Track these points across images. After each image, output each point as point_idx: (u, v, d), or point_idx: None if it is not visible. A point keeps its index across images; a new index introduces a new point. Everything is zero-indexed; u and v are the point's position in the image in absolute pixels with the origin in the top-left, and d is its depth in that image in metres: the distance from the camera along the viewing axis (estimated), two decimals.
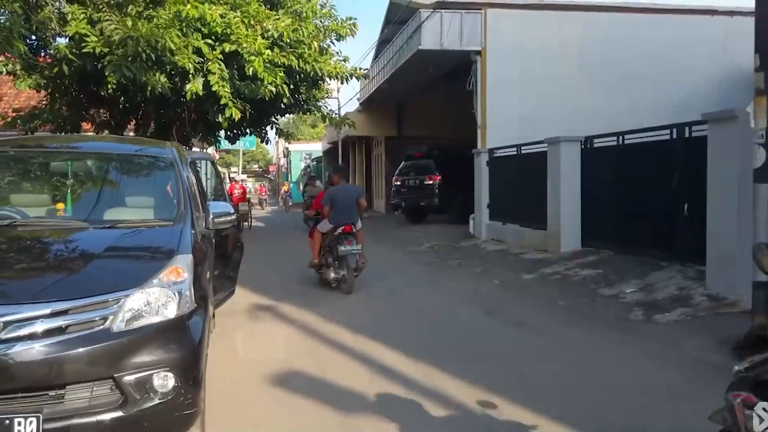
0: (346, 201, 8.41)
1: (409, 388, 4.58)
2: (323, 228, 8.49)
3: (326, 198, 8.49)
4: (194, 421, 3.23)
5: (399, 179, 19.16)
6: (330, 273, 8.24)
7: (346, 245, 7.99)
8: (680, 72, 14.45)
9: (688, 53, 14.43)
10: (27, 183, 4.49)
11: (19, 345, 2.83)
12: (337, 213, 8.27)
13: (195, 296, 3.38)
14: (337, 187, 8.76)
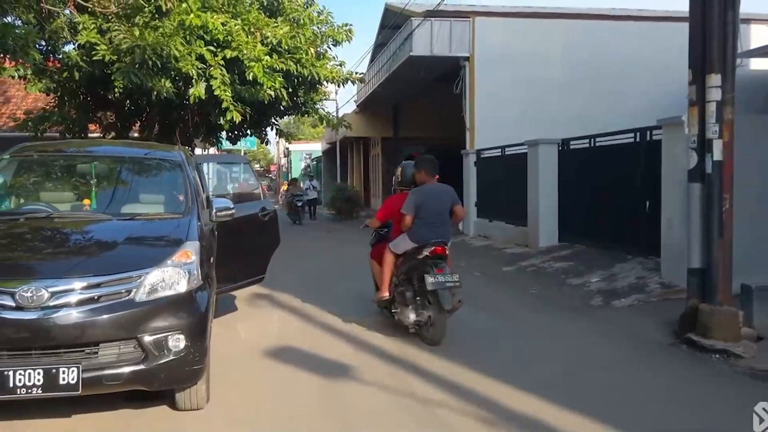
0: (438, 208, 5.84)
1: (387, 360, 5.30)
2: (399, 248, 5.97)
3: (409, 204, 5.77)
4: (201, 376, 3.96)
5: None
6: (409, 314, 5.73)
7: (438, 275, 5.45)
8: (660, 76, 15.07)
9: (668, 58, 15.02)
10: (56, 182, 5.21)
11: (62, 311, 3.55)
12: (424, 226, 5.74)
13: (201, 275, 4.10)
14: (424, 188, 5.91)
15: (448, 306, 5.42)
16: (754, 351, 5.20)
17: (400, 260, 5.98)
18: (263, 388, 4.71)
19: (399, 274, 5.99)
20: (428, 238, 5.72)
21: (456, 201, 6.06)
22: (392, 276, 6.05)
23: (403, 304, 5.87)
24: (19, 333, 3.51)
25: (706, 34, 5.50)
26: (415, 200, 5.76)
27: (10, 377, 3.40)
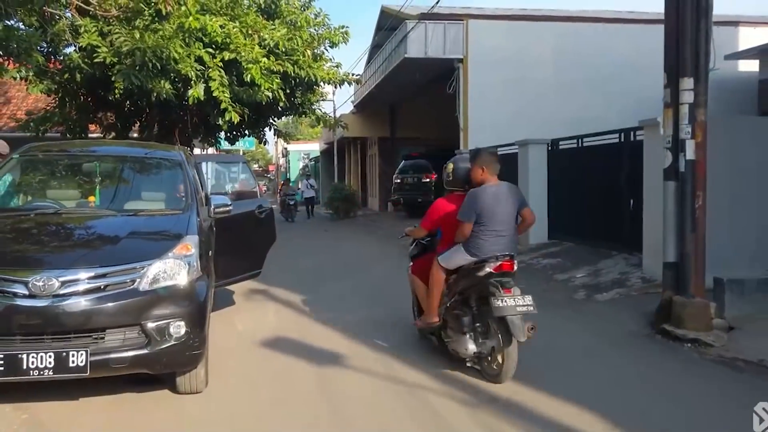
0: (503, 213, 4.77)
1: (380, 352, 5.57)
2: (452, 262, 4.92)
3: (468, 208, 4.73)
4: (200, 360, 4.24)
5: (399, 177, 20.76)
6: (467, 344, 4.75)
7: (506, 297, 4.46)
8: (649, 77, 15.32)
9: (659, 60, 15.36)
10: (62, 181, 5.51)
11: (71, 298, 3.84)
12: (487, 235, 4.70)
13: (200, 266, 4.38)
14: (485, 189, 4.78)
15: (521, 337, 4.35)
16: (724, 340, 5.49)
17: (453, 277, 4.94)
18: (259, 375, 4.99)
19: (452, 294, 4.94)
20: (492, 250, 4.66)
21: (524, 203, 4.96)
22: (443, 296, 5.01)
23: (458, 331, 4.82)
24: (31, 319, 3.79)
25: (680, 40, 5.78)
26: (475, 204, 4.68)
27: (23, 360, 3.69)
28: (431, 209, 5.25)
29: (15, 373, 3.70)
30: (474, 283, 4.74)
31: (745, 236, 7.03)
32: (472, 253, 4.72)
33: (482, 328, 4.70)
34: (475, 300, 4.76)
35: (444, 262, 4.97)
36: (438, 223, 5.19)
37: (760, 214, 7.20)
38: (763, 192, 7.22)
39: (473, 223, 4.70)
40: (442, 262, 4.98)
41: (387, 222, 20.69)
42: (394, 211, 23.72)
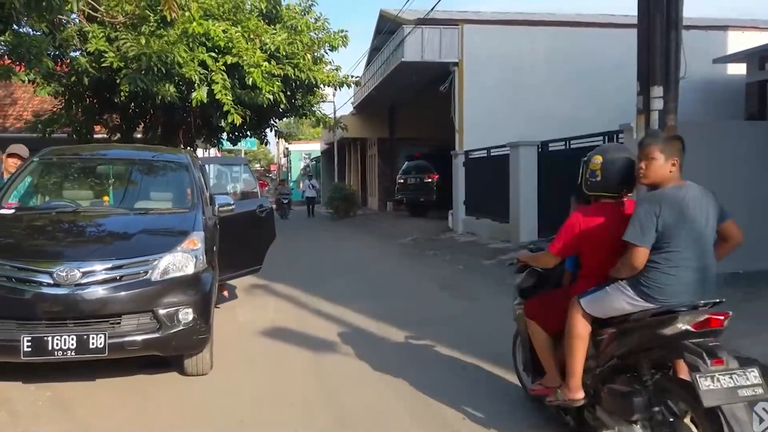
0: (700, 233, 3.16)
1: (372, 340, 6.01)
2: (605, 307, 3.27)
3: (644, 223, 3.08)
4: (206, 344, 4.69)
5: (402, 177, 21.46)
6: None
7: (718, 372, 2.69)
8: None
9: None
10: (79, 182, 5.97)
11: (91, 287, 4.28)
12: (676, 266, 3.09)
13: (206, 260, 4.83)
14: (673, 191, 3.16)
15: None
16: None
17: (608, 331, 3.26)
18: (259, 359, 5.44)
19: (605, 358, 3.29)
20: (683, 291, 3.08)
21: (726, 214, 3.32)
22: (588, 358, 3.34)
23: (620, 415, 3.16)
24: (55, 305, 4.23)
25: (650, 51, 6.22)
26: (656, 217, 3.07)
27: (49, 342, 4.13)
28: (566, 226, 3.65)
29: (41, 353, 4.14)
30: (652, 344, 3.08)
31: None
32: (646, 295, 3.10)
33: (665, 416, 2.98)
34: (649, 369, 3.09)
35: (591, 308, 3.29)
36: (577, 247, 3.60)
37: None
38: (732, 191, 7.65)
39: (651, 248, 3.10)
40: (588, 307, 3.29)
41: (386, 221, 21.14)
42: (394, 210, 24.23)
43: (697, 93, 15.95)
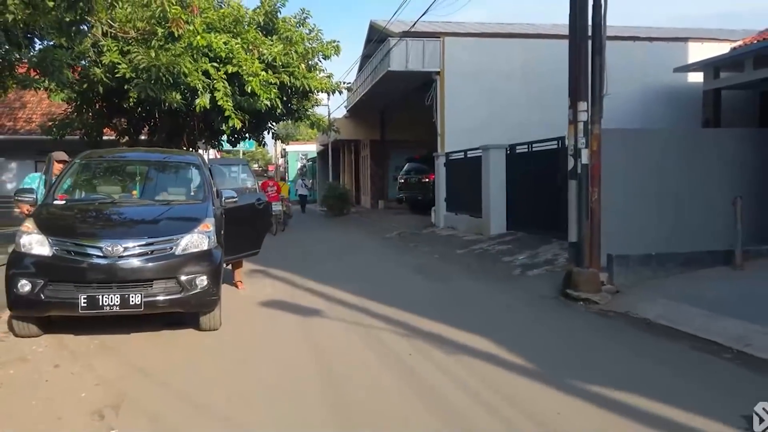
0: None
1: (350, 308, 7.34)
2: None
3: None
4: (216, 305, 6.03)
5: (403, 178, 23.03)
6: None
7: None
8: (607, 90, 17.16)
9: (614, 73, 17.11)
10: (112, 179, 7.32)
11: (130, 259, 5.62)
12: None
13: (216, 240, 6.18)
14: None
15: None
16: (608, 300, 7.28)
17: None
18: (258, 321, 6.80)
19: None
20: None
21: None
22: None
23: None
24: (104, 272, 5.57)
25: (577, 73, 7.58)
26: None
27: (99, 299, 5.48)
28: None
29: (93, 308, 5.49)
30: None
31: (635, 223, 8.82)
32: None
33: None
34: None
35: None
36: None
37: (646, 207, 9.02)
38: (649, 189, 9.05)
39: None
40: None
41: (377, 218, 22.49)
42: (385, 208, 25.62)
43: (660, 99, 17.44)
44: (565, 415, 3.97)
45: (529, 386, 4.55)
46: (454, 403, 4.22)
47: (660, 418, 3.89)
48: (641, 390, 4.30)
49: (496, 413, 4.03)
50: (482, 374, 4.85)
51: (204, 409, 4.19)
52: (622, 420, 3.90)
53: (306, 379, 4.81)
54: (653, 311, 6.52)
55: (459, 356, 5.33)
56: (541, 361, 5.08)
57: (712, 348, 5.37)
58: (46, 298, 5.47)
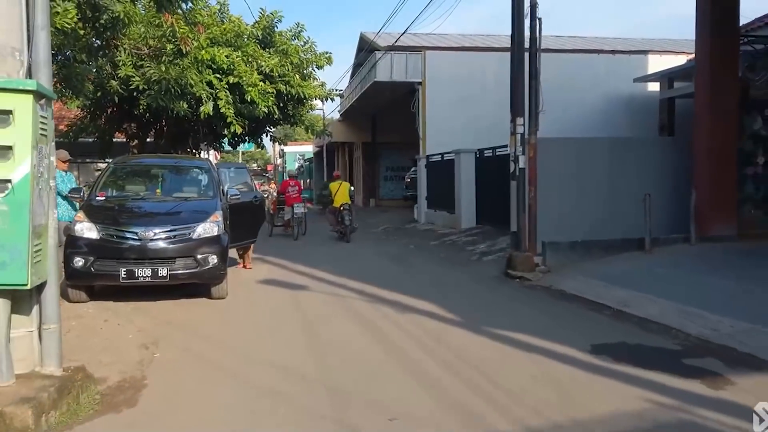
0: None
1: (330, 284, 9.05)
2: None
3: None
4: (224, 278, 7.75)
5: (409, 177, 24.66)
6: None
7: None
8: (574, 98, 18.87)
9: (579, 84, 18.92)
10: (139, 179, 9.04)
11: (158, 242, 7.35)
12: None
13: (224, 228, 7.91)
14: None
15: None
16: (540, 277, 9.00)
17: None
18: (256, 292, 8.53)
19: None
20: None
21: None
22: None
23: None
24: (139, 251, 7.28)
25: (516, 94, 9.30)
26: None
27: (135, 271, 7.19)
28: None
29: (131, 278, 7.20)
30: None
31: (568, 216, 10.55)
32: None
33: None
34: None
35: None
36: None
37: (578, 202, 10.75)
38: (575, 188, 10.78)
39: None
40: None
41: (366, 215, 24.14)
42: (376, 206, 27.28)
43: (621, 107, 19.19)
44: (472, 347, 5.69)
45: (454, 331, 6.28)
46: (397, 341, 5.94)
47: (535, 346, 5.59)
48: (532, 332, 6.00)
49: (426, 346, 5.74)
50: (422, 324, 6.57)
51: (217, 343, 5.92)
52: (509, 348, 5.61)
53: (290, 326, 6.56)
54: (569, 284, 8.25)
55: (409, 314, 7.05)
56: (468, 317, 6.79)
57: (600, 308, 7.10)
58: (95, 271, 7.19)
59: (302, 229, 16.06)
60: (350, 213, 14.62)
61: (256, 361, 5.33)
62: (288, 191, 16.57)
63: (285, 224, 16.45)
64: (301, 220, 15.96)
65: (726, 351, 5.29)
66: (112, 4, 10.57)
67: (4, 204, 3.73)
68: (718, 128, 9.99)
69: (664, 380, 4.60)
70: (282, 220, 16.64)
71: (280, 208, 16.80)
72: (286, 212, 16.24)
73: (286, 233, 16.17)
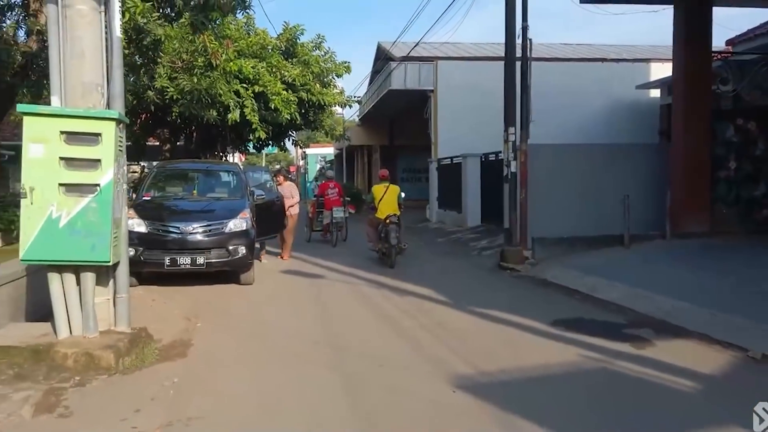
0: None
1: (343, 274, 10.32)
2: None
3: None
4: (251, 267, 9.07)
5: None
6: None
7: None
8: (579, 104, 19.92)
9: (585, 90, 19.93)
10: (178, 181, 10.42)
11: (196, 235, 8.68)
12: None
13: (251, 223, 9.23)
14: None
15: None
16: (528, 269, 10.17)
17: None
18: (279, 280, 9.84)
19: None
20: None
21: None
22: None
23: None
24: (180, 243, 8.62)
25: (509, 106, 10.48)
26: None
27: (177, 260, 8.53)
28: None
29: (174, 266, 8.54)
30: None
31: (556, 214, 11.67)
32: None
33: None
34: None
35: None
36: None
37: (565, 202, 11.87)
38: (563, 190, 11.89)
39: None
40: None
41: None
42: None
43: (624, 113, 20.16)
44: (452, 319, 6.93)
45: (441, 309, 7.52)
46: (392, 315, 7.20)
47: (505, 320, 6.80)
48: (506, 310, 7.19)
49: (415, 318, 6.99)
50: (416, 304, 7.82)
51: (246, 317, 7.24)
52: (483, 320, 6.84)
53: (306, 304, 7.86)
54: (551, 274, 9.41)
55: (408, 297, 8.31)
56: (456, 299, 8.01)
57: (571, 293, 8.27)
58: (144, 259, 8.54)
59: (342, 234, 14.87)
60: (398, 228, 10.98)
61: (277, 329, 6.63)
62: (327, 194, 15.15)
63: (324, 229, 15.06)
64: (341, 225, 14.72)
65: (661, 324, 6.45)
66: (155, 29, 12.02)
67: (94, 202, 5.06)
68: (692, 135, 11.06)
69: (600, 343, 5.79)
70: (321, 224, 15.21)
71: (319, 211, 15.35)
72: (325, 216, 14.79)
73: (325, 239, 14.97)
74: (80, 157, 5.05)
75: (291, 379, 4.93)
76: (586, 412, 4.20)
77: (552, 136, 17.90)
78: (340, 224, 14.59)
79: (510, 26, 10.38)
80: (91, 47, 5.46)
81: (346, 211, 15.19)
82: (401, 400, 4.40)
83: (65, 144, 5.01)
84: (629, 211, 10.52)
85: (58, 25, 5.36)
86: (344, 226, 14.92)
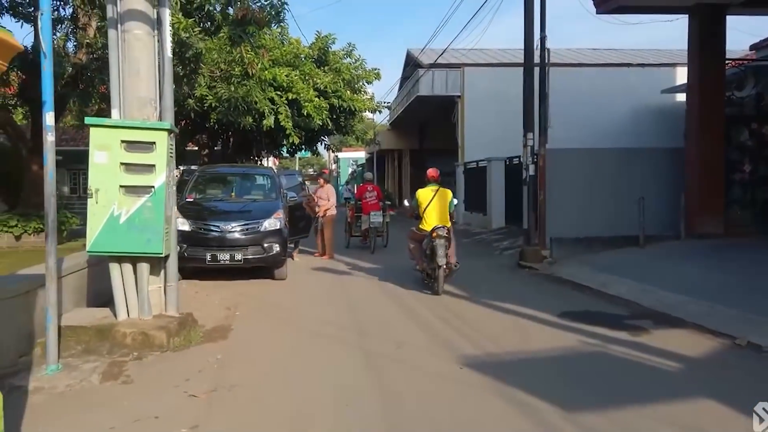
0: None
1: (369, 271, 11.01)
2: None
3: None
4: (284, 263, 9.81)
5: None
6: None
7: None
8: (605, 109, 20.27)
9: (611, 95, 20.28)
10: (218, 184, 11.23)
11: (235, 233, 9.45)
12: None
13: (284, 223, 9.96)
14: None
15: None
16: (547, 268, 10.68)
17: None
18: (310, 276, 10.56)
19: None
20: None
21: None
22: None
23: None
24: (220, 241, 9.39)
25: (528, 113, 11.02)
26: None
27: (218, 255, 9.31)
28: None
29: (214, 261, 9.32)
30: None
31: (574, 215, 12.15)
32: None
33: None
34: None
35: None
36: None
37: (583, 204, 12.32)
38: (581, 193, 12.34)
39: None
40: None
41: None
42: None
43: (649, 117, 20.43)
44: (467, 309, 7.53)
45: (457, 301, 8.13)
46: (412, 307, 7.83)
47: (516, 311, 7.36)
48: (518, 303, 7.76)
49: (432, 309, 7.61)
50: (438, 300, 8.43)
51: (280, 307, 7.95)
52: (495, 311, 7.42)
53: (334, 297, 8.53)
54: (566, 272, 9.92)
55: (429, 292, 8.92)
56: (473, 293, 8.60)
57: (583, 289, 8.78)
58: (188, 255, 9.32)
59: (383, 240, 14.38)
60: (448, 243, 8.77)
61: (308, 317, 7.33)
62: (365, 197, 14.33)
63: (363, 234, 14.35)
64: (380, 230, 14.09)
65: (661, 315, 6.94)
66: (196, 42, 12.94)
67: (149, 202, 5.83)
68: (706, 139, 11.44)
69: (601, 331, 6.33)
70: (359, 229, 14.46)
71: (357, 216, 14.57)
72: (363, 221, 14.12)
73: (364, 245, 14.38)
74: (138, 162, 5.82)
75: (320, 356, 5.60)
76: (573, 384, 4.77)
77: (579, 139, 18.34)
78: (379, 229, 14.01)
79: (528, 37, 10.94)
80: (146, 66, 6.24)
81: (386, 215, 14.44)
82: (413, 374, 5.03)
83: (125, 151, 5.79)
84: (644, 213, 10.95)
85: (117, 48, 6.15)
86: (384, 232, 14.33)
